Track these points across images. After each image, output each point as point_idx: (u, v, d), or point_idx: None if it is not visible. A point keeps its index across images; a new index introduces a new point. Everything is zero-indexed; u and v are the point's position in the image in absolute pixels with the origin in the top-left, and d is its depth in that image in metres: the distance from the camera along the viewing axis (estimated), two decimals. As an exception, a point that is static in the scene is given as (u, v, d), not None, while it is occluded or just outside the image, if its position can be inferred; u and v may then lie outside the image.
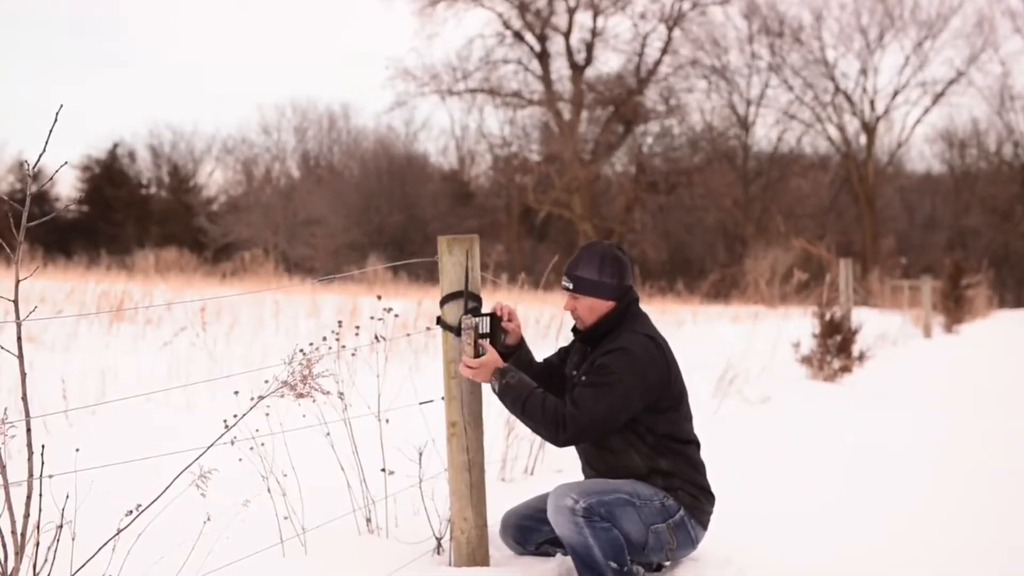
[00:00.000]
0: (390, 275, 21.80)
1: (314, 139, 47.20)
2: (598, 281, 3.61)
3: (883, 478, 5.74)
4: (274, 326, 11.95)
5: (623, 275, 3.64)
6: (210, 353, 8.60)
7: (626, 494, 3.52)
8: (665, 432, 3.58)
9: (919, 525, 4.70)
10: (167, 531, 3.67)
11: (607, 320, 3.62)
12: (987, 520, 4.82)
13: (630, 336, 3.54)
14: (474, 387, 3.70)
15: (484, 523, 3.72)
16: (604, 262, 3.62)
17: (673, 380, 3.59)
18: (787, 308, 19.22)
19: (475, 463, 3.69)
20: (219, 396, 7.07)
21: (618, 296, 3.63)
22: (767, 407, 8.22)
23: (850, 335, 10.40)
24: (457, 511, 3.70)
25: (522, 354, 3.80)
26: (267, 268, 21.13)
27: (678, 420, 3.61)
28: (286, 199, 43.20)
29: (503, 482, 5.30)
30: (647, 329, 3.61)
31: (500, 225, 40.29)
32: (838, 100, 41.07)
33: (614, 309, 3.63)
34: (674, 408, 3.59)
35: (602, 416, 3.45)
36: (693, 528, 3.60)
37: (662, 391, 3.55)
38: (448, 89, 40.99)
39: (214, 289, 16.37)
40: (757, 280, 25.03)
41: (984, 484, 5.61)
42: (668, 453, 3.59)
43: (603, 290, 3.62)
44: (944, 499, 5.27)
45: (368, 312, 11.34)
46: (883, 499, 5.22)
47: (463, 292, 3.64)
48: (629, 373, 3.47)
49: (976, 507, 5.10)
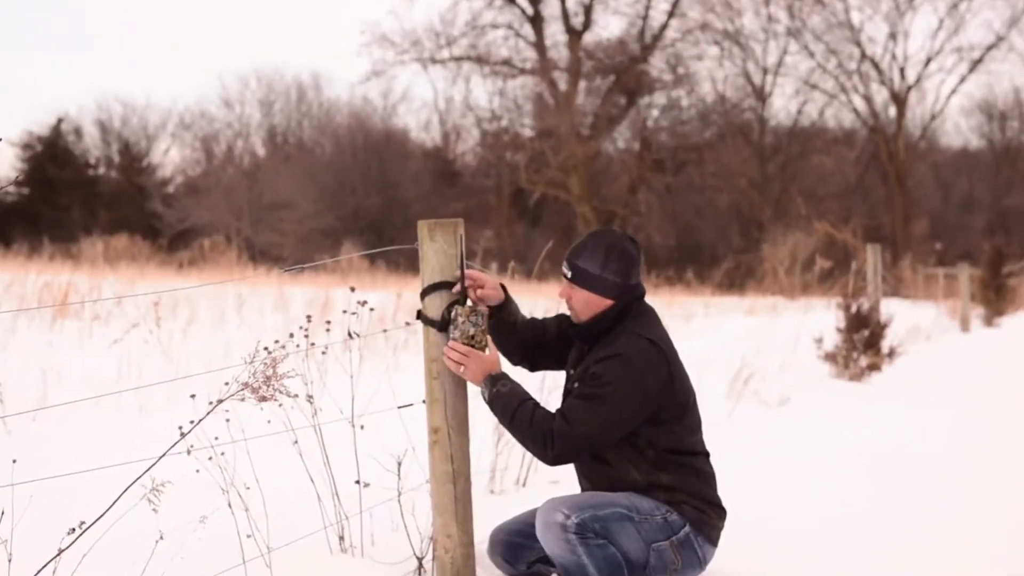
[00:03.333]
0: (366, 264, 21.79)
1: (281, 113, 47.15)
2: (599, 276, 3.60)
3: (914, 488, 5.75)
4: (237, 321, 11.94)
5: (628, 272, 3.62)
6: (165, 352, 8.60)
7: (624, 508, 3.51)
8: (667, 446, 3.56)
9: (954, 538, 4.70)
10: (115, 551, 3.65)
11: (605, 318, 3.61)
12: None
13: (628, 340, 3.52)
14: (459, 389, 3.68)
15: (470, 541, 3.71)
16: (609, 256, 3.60)
17: (677, 389, 3.56)
18: (808, 299, 19.25)
19: (460, 473, 3.68)
20: (175, 399, 7.06)
21: (619, 295, 3.61)
22: (786, 409, 8.22)
23: (879, 329, 10.41)
24: (440, 527, 3.69)
25: (504, 315, 3.77)
26: (229, 257, 21.10)
27: (682, 432, 3.59)
28: (250, 180, 43.12)
29: (492, 495, 5.30)
30: (649, 331, 3.58)
31: (489, 208, 40.26)
32: (864, 68, 41.14)
33: (612, 307, 3.61)
34: (677, 419, 3.57)
35: (594, 432, 3.44)
36: (700, 546, 3.58)
37: (664, 401, 3.52)
38: (431, 57, 40.93)
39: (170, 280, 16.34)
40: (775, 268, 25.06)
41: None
42: (671, 467, 3.57)
43: (603, 286, 3.60)
44: (981, 510, 5.28)
45: (341, 305, 11.31)
46: (914, 511, 5.22)
47: (447, 283, 3.62)
48: (625, 383, 3.44)
49: (1017, 519, 5.11)
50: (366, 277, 19.75)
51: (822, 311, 15.56)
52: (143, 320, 9.73)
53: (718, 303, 20.95)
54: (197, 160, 47.00)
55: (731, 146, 41.11)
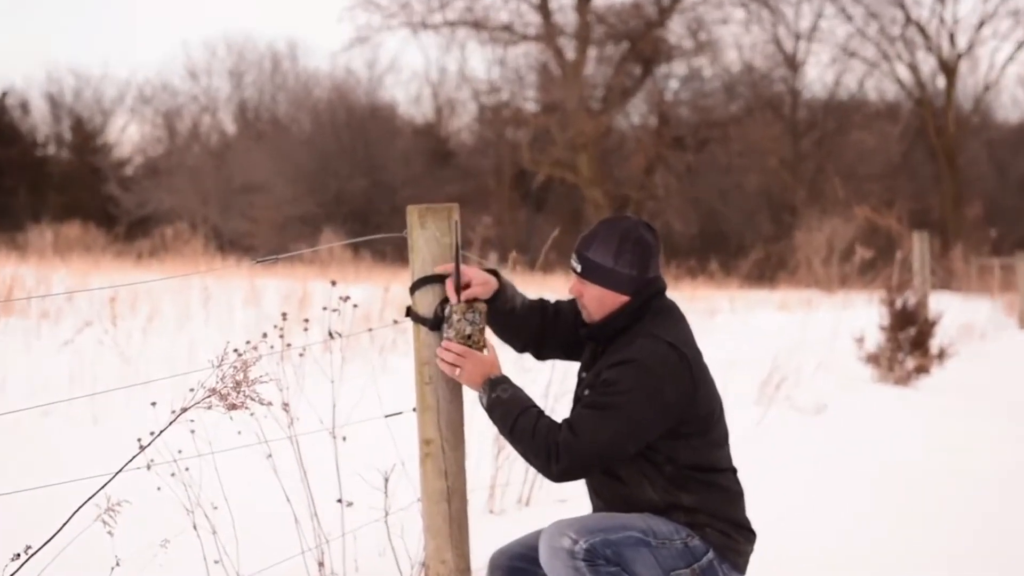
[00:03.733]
0: (349, 255, 21.80)
1: (253, 86, 47.12)
2: (612, 269, 3.57)
3: (969, 507, 5.73)
4: (203, 319, 11.94)
5: (646, 264, 3.58)
6: (122, 354, 8.59)
7: (639, 532, 3.48)
8: (689, 463, 3.53)
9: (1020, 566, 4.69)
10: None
11: (620, 316, 3.58)
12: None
13: (645, 343, 3.48)
14: (454, 395, 3.67)
15: (467, 567, 3.70)
16: (623, 246, 3.57)
17: (701, 400, 3.53)
18: (848, 293, 19.26)
19: (456, 491, 3.66)
20: (134, 407, 7.05)
21: (635, 290, 3.58)
22: (823, 417, 8.22)
23: (927, 327, 10.41)
24: (433, 552, 3.68)
25: (499, 304, 3.74)
26: (195, 246, 21.12)
27: (706, 448, 3.56)
28: (218, 160, 43.13)
29: (491, 515, 5.30)
30: (670, 333, 3.55)
31: (487, 191, 40.29)
32: (909, 33, 41.10)
33: (628, 304, 3.58)
34: (700, 434, 3.54)
35: (605, 445, 3.41)
36: (726, 574, 3.56)
37: (685, 414, 3.49)
38: (421, 21, 40.93)
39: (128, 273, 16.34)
40: (810, 258, 25.07)
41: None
42: (692, 485, 3.54)
43: (617, 280, 3.57)
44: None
45: (321, 301, 11.31)
46: (968, 534, 5.21)
47: (440, 276, 3.60)
48: (640, 391, 3.41)
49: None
50: (349, 269, 19.76)
51: (863, 306, 15.56)
52: (97, 318, 9.72)
53: (746, 297, 20.97)
54: (158, 138, 47.02)
55: (760, 121, 41.09)
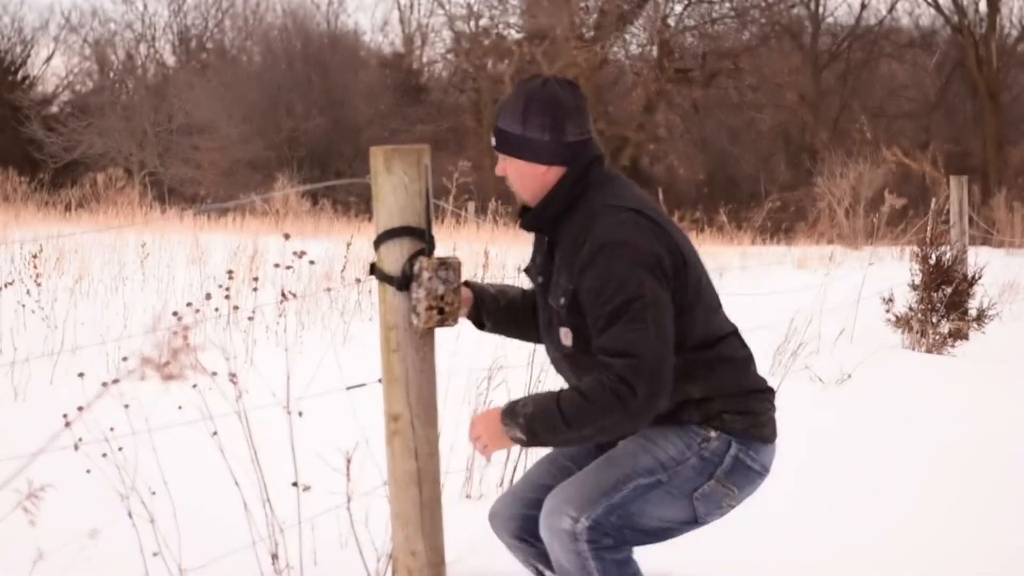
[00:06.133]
0: (306, 205, 21.75)
1: (196, 11, 46.96)
2: (521, 136, 3.51)
3: (1013, 486, 5.76)
4: (139, 279, 11.91)
5: (560, 127, 3.50)
6: (46, 319, 8.57)
7: (645, 474, 3.46)
8: (694, 342, 3.49)
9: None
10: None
11: (557, 194, 3.52)
12: None
13: (605, 219, 3.42)
14: (425, 364, 3.66)
15: (441, 559, 3.71)
16: (530, 107, 3.50)
17: (689, 258, 3.49)
18: (875, 248, 19.28)
19: (427, 473, 3.66)
20: (59, 379, 7.04)
21: (560, 159, 3.52)
22: (846, 388, 8.25)
23: (965, 286, 10.42)
24: (402, 542, 3.68)
25: (490, 309, 3.75)
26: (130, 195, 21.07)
27: (705, 316, 3.53)
28: (157, 97, 42.96)
29: (468, 500, 5.31)
30: (625, 200, 3.49)
31: (465, 132, 40.25)
32: (948, -51, 41.03)
33: (564, 178, 3.53)
34: (697, 296, 3.50)
35: (660, 341, 3.32)
36: (754, 459, 3.49)
37: (679, 276, 3.43)
38: (388, -64, 40.73)
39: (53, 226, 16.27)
40: (832, 208, 25.10)
41: None
42: (698, 371, 3.50)
43: (531, 149, 3.52)
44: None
45: (273, 258, 11.29)
46: (1013, 518, 5.24)
47: (408, 228, 3.58)
48: (639, 269, 3.35)
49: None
50: (307, 221, 19.71)
51: (892, 263, 15.59)
52: (18, 278, 9.69)
53: (759, 253, 20.98)
54: (88, 72, 46.85)
55: (776, 51, 41.07)
